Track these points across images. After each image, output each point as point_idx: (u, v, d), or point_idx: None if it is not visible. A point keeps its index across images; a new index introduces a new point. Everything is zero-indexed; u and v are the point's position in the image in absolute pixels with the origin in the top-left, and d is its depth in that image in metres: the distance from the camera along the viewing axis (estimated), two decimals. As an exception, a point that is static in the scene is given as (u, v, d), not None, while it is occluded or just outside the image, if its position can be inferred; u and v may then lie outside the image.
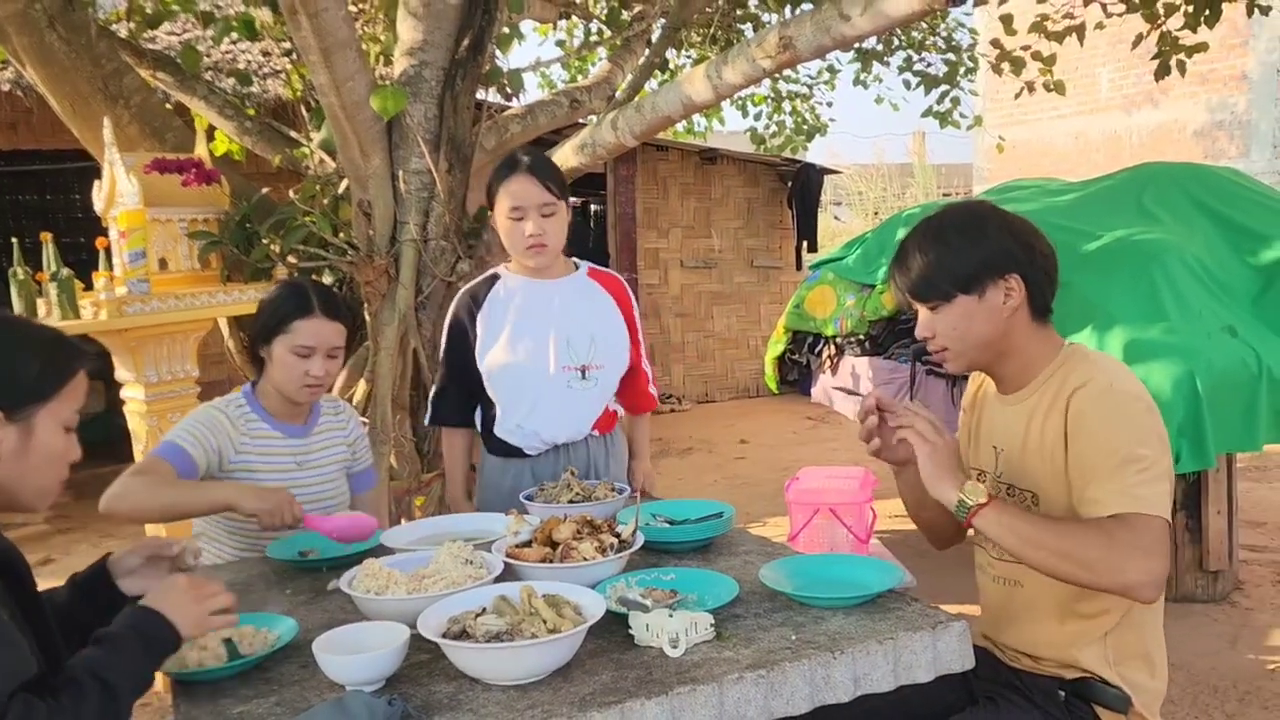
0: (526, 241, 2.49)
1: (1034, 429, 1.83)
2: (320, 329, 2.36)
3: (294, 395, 2.40)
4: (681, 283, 9.20)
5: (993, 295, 1.80)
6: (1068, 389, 1.77)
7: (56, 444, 1.54)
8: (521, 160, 2.52)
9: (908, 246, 1.88)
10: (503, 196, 2.51)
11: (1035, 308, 1.84)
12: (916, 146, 16.76)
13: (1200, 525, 3.98)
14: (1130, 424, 1.71)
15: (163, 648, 1.51)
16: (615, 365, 2.66)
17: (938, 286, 1.83)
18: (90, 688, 1.35)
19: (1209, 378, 3.36)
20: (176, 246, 3.50)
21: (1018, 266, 1.80)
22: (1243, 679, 3.38)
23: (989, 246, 1.81)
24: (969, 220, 1.85)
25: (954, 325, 1.84)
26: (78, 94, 3.86)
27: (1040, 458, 1.82)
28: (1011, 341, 1.84)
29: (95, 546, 5.51)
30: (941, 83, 6.84)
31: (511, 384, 2.58)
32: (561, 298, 2.60)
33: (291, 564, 2.20)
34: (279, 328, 2.35)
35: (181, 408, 3.39)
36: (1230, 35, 9.17)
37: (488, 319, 2.59)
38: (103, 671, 1.38)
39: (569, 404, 2.59)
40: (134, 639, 1.47)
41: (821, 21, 2.99)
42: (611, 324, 2.66)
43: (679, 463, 7.14)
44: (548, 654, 1.54)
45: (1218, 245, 3.97)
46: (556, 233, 2.53)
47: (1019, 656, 1.91)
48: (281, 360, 2.36)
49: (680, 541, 2.17)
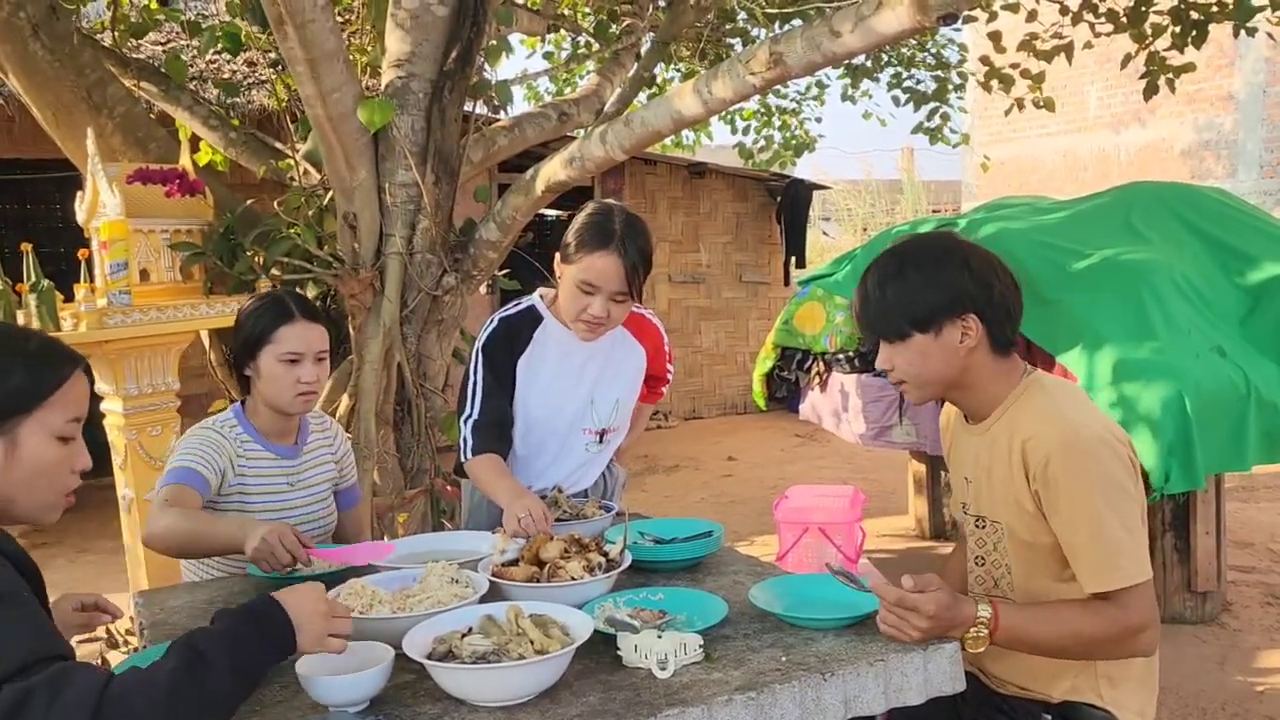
0: (586, 317, 2.30)
1: (998, 460, 1.83)
2: (305, 333, 2.33)
3: (287, 406, 2.34)
4: (669, 298, 9.19)
5: (949, 334, 1.80)
6: (1022, 430, 1.78)
7: (47, 455, 1.48)
8: (618, 237, 2.26)
9: (867, 281, 1.87)
10: (584, 263, 2.27)
11: (995, 343, 1.83)
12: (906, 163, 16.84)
13: (1189, 546, 3.97)
14: (1097, 479, 1.71)
15: (275, 639, 1.42)
16: (625, 426, 2.62)
17: (893, 324, 1.83)
18: (176, 650, 1.30)
19: (1198, 398, 3.36)
20: (159, 258, 3.46)
21: (974, 306, 1.79)
22: (1231, 700, 3.37)
23: (946, 287, 1.79)
24: (928, 257, 1.83)
25: (910, 361, 1.84)
26: (60, 103, 3.83)
27: (1005, 490, 1.82)
28: (970, 376, 1.84)
29: (72, 562, 5.44)
30: (931, 99, 6.87)
31: (535, 440, 2.51)
32: (598, 359, 2.48)
33: (274, 581, 2.16)
34: (263, 339, 2.31)
35: (161, 421, 3.35)
36: (1217, 56, 9.26)
37: (528, 365, 2.45)
38: (197, 639, 1.33)
39: (581, 464, 2.57)
40: (244, 618, 1.41)
41: (812, 38, 2.98)
42: (634, 386, 2.60)
43: (665, 480, 7.10)
44: (535, 675, 1.51)
45: (1206, 265, 3.98)
46: (619, 318, 2.37)
47: (1005, 684, 1.91)
48: (270, 372, 2.31)
49: (669, 561, 2.14)
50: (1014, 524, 1.83)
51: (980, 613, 1.69)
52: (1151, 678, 1.87)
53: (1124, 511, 1.71)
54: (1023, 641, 1.74)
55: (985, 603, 1.71)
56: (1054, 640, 1.73)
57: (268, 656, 1.41)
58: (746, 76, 3.16)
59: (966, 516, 1.95)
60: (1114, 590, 1.70)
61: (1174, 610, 4.01)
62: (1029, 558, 1.83)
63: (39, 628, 1.30)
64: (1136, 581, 1.70)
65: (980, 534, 1.92)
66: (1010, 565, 1.87)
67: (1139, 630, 1.72)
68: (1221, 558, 4.07)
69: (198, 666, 1.29)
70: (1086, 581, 1.73)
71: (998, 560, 1.90)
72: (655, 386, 2.79)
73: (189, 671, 1.28)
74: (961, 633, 1.69)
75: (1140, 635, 1.72)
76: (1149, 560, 1.73)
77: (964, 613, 1.68)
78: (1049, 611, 1.76)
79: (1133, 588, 1.70)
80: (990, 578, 1.92)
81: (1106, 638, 1.72)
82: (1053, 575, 1.81)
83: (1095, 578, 1.72)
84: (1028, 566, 1.84)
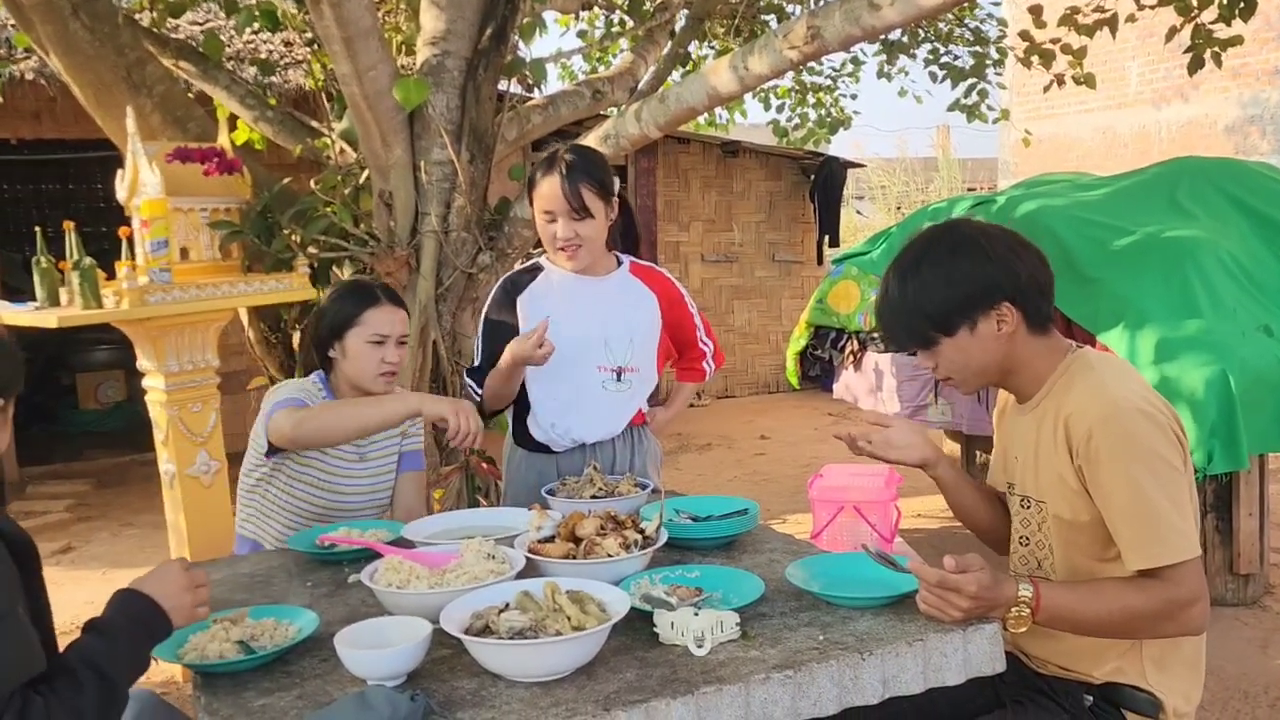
0: (557, 244, 2.49)
1: (1044, 438, 1.81)
2: (390, 316, 2.48)
3: (370, 385, 2.46)
4: (702, 277, 9.15)
5: (984, 326, 1.77)
6: (1065, 409, 1.75)
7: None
8: (559, 160, 2.47)
9: (886, 298, 1.85)
10: (537, 195, 2.50)
11: (1032, 323, 1.80)
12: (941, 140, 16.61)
13: (1231, 528, 3.91)
14: (1138, 450, 1.68)
15: (156, 635, 1.50)
16: (649, 370, 2.64)
17: (922, 335, 1.81)
18: (87, 679, 1.34)
19: (1243, 377, 3.29)
20: (198, 236, 3.48)
21: (1005, 294, 1.76)
22: (1274, 684, 3.32)
23: (969, 282, 1.76)
24: (943, 254, 1.79)
25: (951, 359, 1.83)
26: (101, 83, 3.86)
27: (1050, 469, 1.80)
28: (1014, 360, 1.82)
29: (115, 535, 5.53)
30: (969, 75, 6.76)
31: (547, 382, 2.56)
32: (604, 297, 2.57)
33: (312, 556, 2.19)
34: (351, 321, 2.46)
35: (202, 398, 3.39)
36: (1263, 29, 9.03)
37: (527, 309, 2.55)
38: (100, 662, 1.37)
39: (603, 406, 2.59)
40: (130, 627, 1.46)
41: (850, 11, 2.94)
42: (650, 327, 2.64)
43: (698, 458, 7.10)
44: (572, 651, 1.51)
45: (1253, 242, 3.90)
46: (592, 235, 2.49)
47: (1046, 664, 1.89)
48: (357, 352, 2.45)
49: (704, 538, 2.14)
50: (1057, 503, 1.80)
51: (1022, 592, 1.66)
52: (1199, 661, 1.84)
53: (1167, 483, 1.67)
54: (1066, 620, 1.71)
55: (1027, 582, 1.68)
56: (1098, 618, 1.70)
57: (148, 652, 1.50)
58: (784, 51, 3.13)
59: (1013, 496, 1.93)
60: (1160, 567, 1.66)
61: (1216, 592, 3.95)
62: (1070, 539, 1.81)
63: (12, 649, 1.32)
64: (1184, 558, 1.65)
65: (1025, 514, 1.90)
66: (1053, 546, 1.85)
67: (1188, 605, 1.67)
68: (1264, 540, 4.01)
69: (110, 693, 1.36)
70: (1130, 558, 1.69)
71: (1041, 540, 1.87)
72: (693, 361, 2.80)
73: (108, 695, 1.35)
74: (1003, 613, 1.67)
75: (1188, 611, 1.67)
76: (1196, 535, 1.69)
77: (1006, 592, 1.66)
78: (1093, 589, 1.73)
79: (1182, 565, 1.65)
80: (1034, 558, 1.90)
81: (1153, 614, 1.67)
82: (1094, 555, 1.79)
83: (1139, 553, 1.68)
84: (1069, 548, 1.82)
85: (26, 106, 6.21)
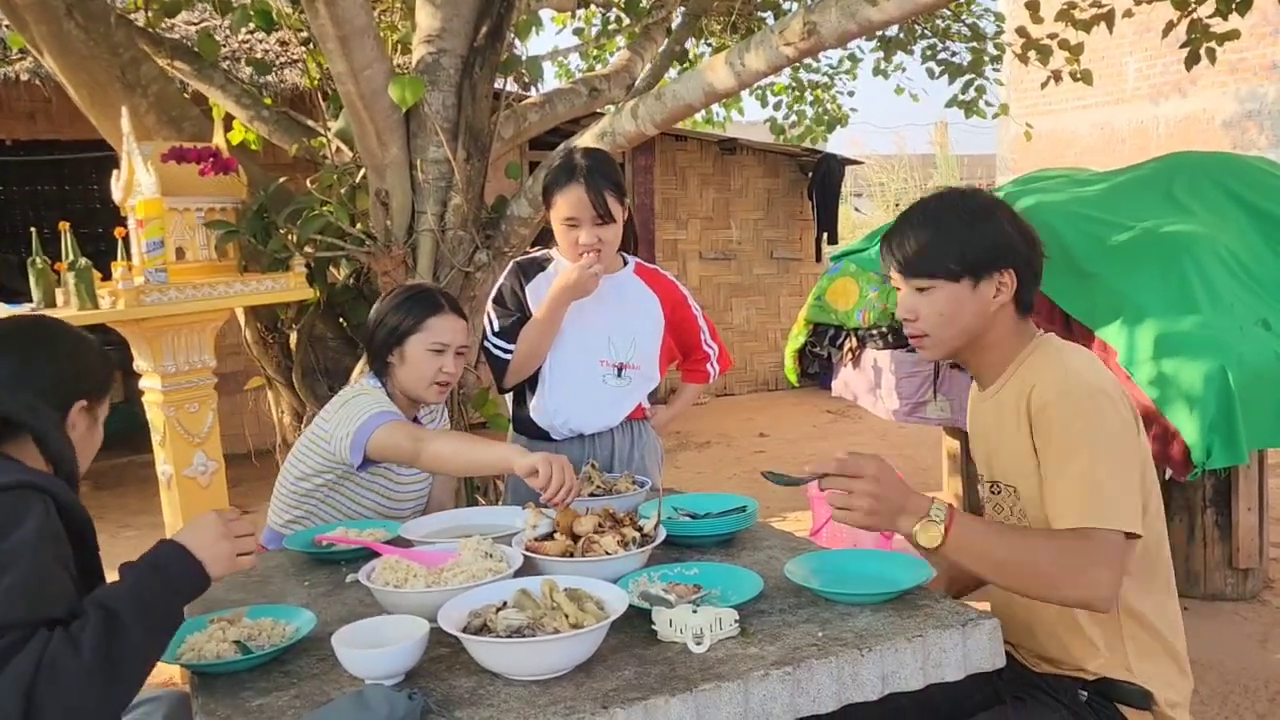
0: (580, 249, 2.51)
1: (1006, 423, 1.80)
2: (453, 325, 2.45)
3: (425, 394, 2.44)
4: (700, 274, 9.14)
5: (985, 287, 1.78)
6: (1028, 385, 1.75)
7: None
8: (579, 165, 2.49)
9: (910, 219, 1.84)
10: (559, 203, 2.51)
11: (1020, 303, 1.82)
12: (939, 137, 16.61)
13: (1230, 522, 3.91)
14: (1091, 423, 1.66)
15: (187, 583, 1.49)
16: (650, 368, 2.69)
17: (940, 263, 1.79)
18: (91, 612, 1.34)
19: (1241, 372, 3.29)
20: (194, 236, 3.48)
21: (1015, 261, 1.78)
22: (1274, 679, 3.32)
23: (997, 234, 1.78)
24: (979, 205, 1.82)
25: (941, 310, 1.81)
26: (95, 83, 3.84)
27: (1015, 453, 1.79)
28: (991, 334, 1.82)
29: (113, 537, 5.51)
30: (966, 72, 6.76)
31: (549, 369, 2.61)
32: (610, 295, 2.60)
33: (310, 556, 2.18)
34: (414, 327, 2.42)
35: (199, 398, 3.38)
36: (1260, 24, 9.03)
37: (536, 296, 2.59)
38: (107, 600, 1.37)
39: (602, 399, 2.63)
40: (148, 570, 1.46)
41: (847, 6, 2.94)
42: (653, 328, 2.69)
43: (697, 456, 7.09)
44: (570, 649, 1.51)
45: (1251, 237, 3.90)
46: (613, 239, 2.55)
47: (1039, 662, 1.89)
48: (416, 359, 2.41)
49: (703, 536, 2.14)
50: (1026, 487, 1.79)
51: (935, 508, 1.64)
52: (1179, 650, 1.83)
53: (1114, 461, 1.65)
54: (974, 550, 1.65)
55: (944, 503, 1.67)
56: (1003, 561, 1.65)
57: (184, 596, 1.49)
58: (780, 47, 3.12)
59: (983, 484, 1.93)
60: (1089, 527, 1.61)
61: (1215, 587, 3.95)
62: (1041, 522, 1.80)
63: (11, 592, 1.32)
64: (1115, 526, 1.60)
65: (996, 499, 1.90)
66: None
67: (1099, 567, 1.58)
68: (1264, 534, 4.01)
69: (111, 624, 1.34)
70: (1059, 516, 1.65)
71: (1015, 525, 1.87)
72: (698, 363, 2.83)
73: (108, 627, 1.33)
74: (914, 521, 1.64)
75: (1096, 574, 1.58)
76: (1138, 519, 1.64)
77: (914, 498, 1.65)
78: (1011, 531, 1.74)
79: (1108, 532, 1.60)
80: None
81: (1060, 572, 1.60)
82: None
83: (1069, 510, 1.63)
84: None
85: (21, 107, 6.20)
